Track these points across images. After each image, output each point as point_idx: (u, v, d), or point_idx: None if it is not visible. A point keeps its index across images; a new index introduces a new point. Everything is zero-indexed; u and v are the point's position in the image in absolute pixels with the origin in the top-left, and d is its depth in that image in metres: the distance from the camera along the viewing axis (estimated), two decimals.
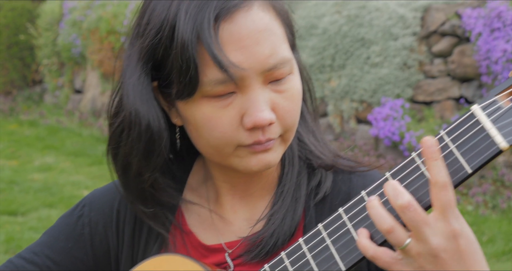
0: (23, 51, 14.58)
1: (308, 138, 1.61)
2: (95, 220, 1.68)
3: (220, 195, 1.62)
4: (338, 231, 1.31)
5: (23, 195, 8.15)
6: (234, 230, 1.60)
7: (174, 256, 1.53)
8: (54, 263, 1.68)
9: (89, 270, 1.68)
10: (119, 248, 1.67)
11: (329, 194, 1.56)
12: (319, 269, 1.31)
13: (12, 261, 1.73)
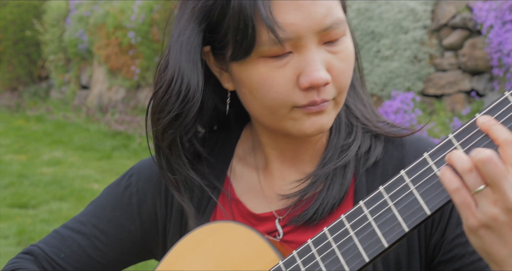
0: (29, 47, 14.58)
1: (356, 104, 1.61)
2: (143, 189, 1.67)
3: (269, 163, 1.61)
4: (400, 193, 1.29)
5: (33, 188, 8.14)
6: (283, 199, 1.59)
7: (226, 223, 1.52)
8: (101, 232, 1.68)
9: (136, 240, 1.68)
10: (167, 217, 1.66)
11: (380, 160, 1.55)
12: (381, 231, 1.29)
13: (58, 232, 1.72)
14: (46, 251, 1.69)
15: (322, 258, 1.35)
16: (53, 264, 1.68)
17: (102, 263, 1.68)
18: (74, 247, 1.68)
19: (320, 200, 1.53)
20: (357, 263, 1.31)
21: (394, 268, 1.53)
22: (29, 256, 1.70)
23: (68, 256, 1.68)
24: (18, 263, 1.69)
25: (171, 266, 1.55)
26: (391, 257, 1.53)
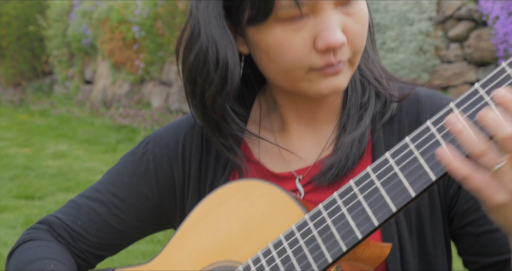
0: (33, 43, 14.59)
1: (368, 65, 1.63)
2: (159, 155, 1.68)
3: (286, 124, 1.62)
4: (426, 142, 1.30)
5: (38, 180, 8.15)
6: (302, 157, 1.61)
7: (250, 181, 1.52)
8: (118, 199, 1.68)
9: (154, 207, 1.68)
10: (185, 182, 1.66)
11: (396, 115, 1.58)
12: (407, 181, 1.30)
13: (74, 201, 1.72)
14: (63, 219, 1.69)
15: (349, 210, 1.35)
16: (70, 231, 1.68)
17: (120, 230, 1.68)
18: (91, 214, 1.68)
19: (339, 158, 1.54)
20: (384, 213, 1.31)
21: (416, 220, 1.54)
22: (44, 226, 1.70)
23: (86, 223, 1.68)
24: (32, 233, 1.69)
25: (194, 225, 1.55)
26: (413, 210, 1.54)
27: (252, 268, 1.43)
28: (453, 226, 1.56)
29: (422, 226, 1.55)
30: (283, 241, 1.41)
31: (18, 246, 1.67)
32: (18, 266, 1.61)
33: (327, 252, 1.35)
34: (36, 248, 1.64)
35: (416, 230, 1.54)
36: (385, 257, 1.45)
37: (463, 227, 1.55)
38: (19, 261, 1.62)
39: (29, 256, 1.62)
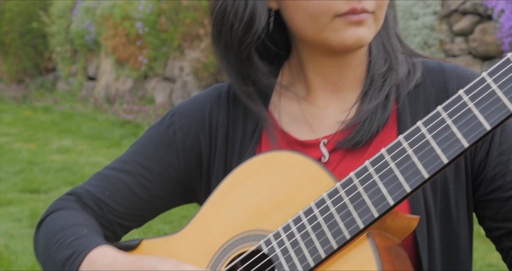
0: (36, 39, 14.60)
1: (390, 34, 1.66)
2: (186, 126, 1.69)
3: (311, 91, 1.64)
4: (458, 110, 1.31)
5: (43, 174, 8.16)
6: (327, 124, 1.62)
7: (279, 152, 1.53)
8: (145, 170, 1.68)
9: (180, 177, 1.69)
10: (211, 152, 1.67)
11: (421, 84, 1.61)
12: (440, 148, 1.31)
13: (100, 173, 1.72)
14: (91, 191, 1.70)
15: (380, 177, 1.36)
16: (98, 202, 1.69)
17: (147, 201, 1.69)
18: (119, 184, 1.69)
19: (364, 123, 1.57)
20: (417, 180, 1.32)
21: (440, 184, 1.55)
22: (72, 197, 1.71)
23: (113, 193, 1.68)
24: (61, 203, 1.70)
25: (223, 196, 1.56)
26: (438, 176, 1.55)
27: (282, 235, 1.44)
28: (479, 193, 1.57)
29: (446, 192, 1.56)
30: (313, 209, 1.41)
31: (48, 215, 1.67)
32: (49, 234, 1.62)
33: (358, 219, 1.36)
34: (66, 216, 1.64)
35: (440, 196, 1.56)
36: (412, 229, 1.46)
37: (490, 192, 1.56)
38: (50, 229, 1.62)
39: (61, 223, 1.62)
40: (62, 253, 1.57)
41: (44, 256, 1.63)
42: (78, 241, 1.57)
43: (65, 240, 1.58)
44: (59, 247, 1.58)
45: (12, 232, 6.17)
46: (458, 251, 1.59)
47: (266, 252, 1.45)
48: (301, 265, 1.39)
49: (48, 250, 1.60)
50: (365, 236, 1.36)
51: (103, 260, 1.51)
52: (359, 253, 1.36)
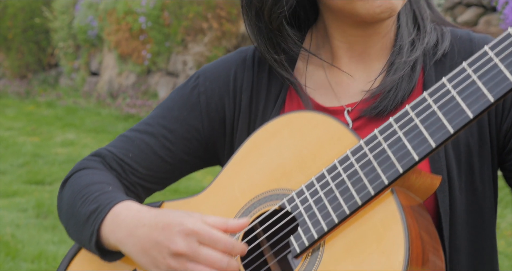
0: (39, 35, 14.60)
1: (421, 3, 1.65)
2: (210, 88, 1.69)
3: (337, 59, 1.64)
4: (484, 66, 1.31)
5: (48, 166, 8.16)
6: (352, 92, 1.62)
7: (301, 113, 1.54)
8: (169, 132, 1.69)
9: (203, 140, 1.69)
10: (235, 115, 1.67)
11: (449, 53, 1.60)
12: (465, 103, 1.31)
13: (125, 135, 1.73)
14: (114, 152, 1.71)
15: (405, 133, 1.36)
16: (121, 163, 1.69)
17: (170, 163, 1.70)
18: (142, 146, 1.69)
19: (390, 92, 1.56)
20: (442, 135, 1.33)
21: (464, 155, 1.55)
22: (97, 158, 1.71)
23: (136, 155, 1.69)
24: (86, 163, 1.70)
25: (245, 157, 1.56)
26: (462, 145, 1.55)
27: (305, 193, 1.44)
28: (510, 161, 1.56)
29: (471, 163, 1.56)
30: (337, 166, 1.42)
31: (73, 174, 1.68)
32: (74, 191, 1.62)
33: (383, 175, 1.37)
34: (92, 175, 1.65)
35: (465, 167, 1.56)
36: (434, 189, 1.46)
37: None
38: (76, 186, 1.63)
39: (86, 181, 1.63)
40: (87, 208, 1.57)
41: (68, 213, 1.63)
42: (103, 196, 1.57)
43: (90, 195, 1.59)
44: (84, 202, 1.58)
45: (18, 222, 6.18)
46: (483, 224, 1.59)
47: (289, 209, 1.46)
48: (325, 221, 1.40)
49: (72, 206, 1.61)
50: (389, 192, 1.37)
51: (127, 213, 1.51)
52: (383, 209, 1.36)
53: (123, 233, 1.49)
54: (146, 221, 1.47)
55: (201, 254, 1.40)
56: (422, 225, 1.38)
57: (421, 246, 1.35)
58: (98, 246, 1.56)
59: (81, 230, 1.58)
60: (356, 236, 1.37)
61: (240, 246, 1.43)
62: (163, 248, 1.42)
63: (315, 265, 1.40)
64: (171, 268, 1.42)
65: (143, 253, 1.45)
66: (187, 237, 1.40)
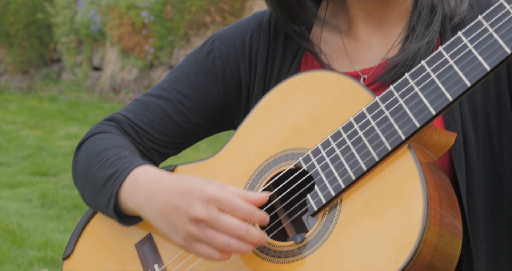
0: (41, 30, 14.60)
1: None
2: (226, 52, 1.68)
3: (353, 25, 1.63)
4: (502, 19, 1.31)
5: (52, 158, 8.16)
6: (368, 58, 1.61)
7: (314, 73, 1.54)
8: (184, 97, 1.68)
9: (219, 104, 1.69)
10: (251, 80, 1.67)
11: (466, 16, 1.58)
12: (482, 56, 1.31)
13: (139, 100, 1.73)
14: (129, 117, 1.70)
15: (421, 89, 1.36)
16: (136, 128, 1.69)
17: (185, 128, 1.69)
18: (157, 111, 1.69)
19: (405, 57, 1.55)
20: (458, 88, 1.33)
21: (482, 119, 1.55)
22: (112, 122, 1.71)
23: (151, 120, 1.69)
24: (101, 127, 1.70)
25: (259, 118, 1.56)
26: (479, 109, 1.54)
27: (322, 151, 1.44)
28: None
29: (489, 127, 1.55)
30: (353, 123, 1.42)
31: (88, 138, 1.67)
32: (90, 155, 1.62)
33: (399, 130, 1.37)
34: (108, 139, 1.64)
35: (482, 131, 1.55)
36: (450, 146, 1.46)
37: None
38: (92, 150, 1.62)
39: (102, 144, 1.62)
40: (104, 172, 1.56)
41: (84, 178, 1.63)
42: (121, 160, 1.57)
43: (107, 160, 1.58)
44: (101, 166, 1.58)
45: (23, 211, 6.18)
46: (501, 187, 1.58)
47: (305, 168, 1.45)
48: (342, 179, 1.40)
49: (88, 170, 1.60)
50: (406, 148, 1.37)
51: (146, 178, 1.51)
52: (401, 165, 1.36)
53: (142, 197, 1.49)
54: (165, 186, 1.46)
55: (221, 220, 1.39)
56: (439, 181, 1.38)
57: (439, 202, 1.35)
58: (116, 210, 1.56)
59: (98, 194, 1.58)
60: (374, 192, 1.37)
61: (260, 214, 1.42)
62: (183, 213, 1.41)
63: (333, 222, 1.40)
64: (190, 234, 1.41)
65: (162, 218, 1.45)
66: (207, 203, 1.40)
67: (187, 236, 1.41)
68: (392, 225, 1.33)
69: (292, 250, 1.43)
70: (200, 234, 1.40)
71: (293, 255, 1.43)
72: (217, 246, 1.39)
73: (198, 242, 1.41)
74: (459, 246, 1.40)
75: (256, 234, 1.40)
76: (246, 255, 1.47)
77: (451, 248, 1.37)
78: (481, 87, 1.55)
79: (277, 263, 1.44)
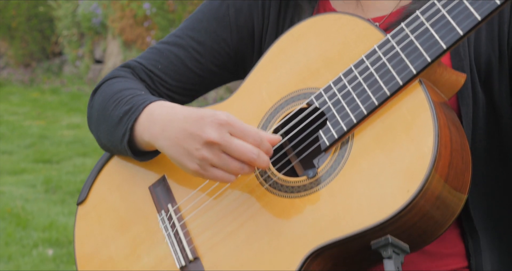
0: (43, 23, 14.61)
1: None
2: (240, 1, 1.72)
3: None
4: None
5: (55, 147, 8.19)
6: (380, 7, 1.64)
7: (325, 15, 1.56)
8: (198, 43, 1.71)
9: (232, 52, 1.72)
10: (263, 29, 1.70)
11: None
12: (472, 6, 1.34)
13: (154, 47, 1.76)
14: (143, 63, 1.73)
15: (432, 24, 1.39)
16: (151, 74, 1.72)
17: (199, 75, 1.72)
18: (172, 58, 1.72)
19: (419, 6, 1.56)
20: (469, 23, 1.36)
21: (484, 72, 1.57)
22: (126, 69, 1.74)
23: (166, 66, 1.72)
24: (117, 72, 1.73)
25: (271, 61, 1.59)
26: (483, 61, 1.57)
27: (333, 88, 1.47)
28: None
29: (491, 80, 1.58)
30: (364, 60, 1.45)
31: (104, 82, 1.70)
32: (106, 96, 1.65)
33: (410, 65, 1.39)
34: (124, 82, 1.67)
35: (484, 83, 1.58)
36: (459, 86, 1.49)
37: None
38: (107, 92, 1.65)
39: (118, 87, 1.66)
40: (120, 110, 1.60)
41: (99, 119, 1.65)
42: (136, 98, 1.60)
43: (123, 98, 1.61)
44: (117, 105, 1.61)
45: (27, 196, 6.22)
46: (501, 145, 1.61)
47: (317, 105, 1.48)
48: (353, 114, 1.43)
49: (104, 111, 1.63)
50: (417, 82, 1.40)
51: (161, 110, 1.54)
52: (412, 99, 1.39)
53: (158, 128, 1.52)
54: (180, 115, 1.49)
55: (233, 144, 1.42)
56: (449, 117, 1.41)
57: (449, 135, 1.37)
58: (130, 145, 1.59)
59: (114, 131, 1.61)
60: (385, 126, 1.40)
61: (268, 144, 1.46)
62: (196, 138, 1.44)
63: (345, 156, 1.42)
64: (204, 158, 1.44)
65: (176, 146, 1.48)
66: (220, 127, 1.43)
67: (202, 161, 1.44)
68: (403, 157, 1.35)
69: (304, 184, 1.46)
70: (214, 158, 1.43)
71: (305, 189, 1.46)
72: (231, 169, 1.43)
73: (212, 167, 1.44)
74: (468, 182, 1.42)
75: (265, 159, 1.44)
76: (258, 191, 1.50)
77: (461, 183, 1.40)
78: (486, 40, 1.57)
79: (290, 198, 1.47)
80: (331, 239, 1.38)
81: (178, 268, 1.54)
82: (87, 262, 1.68)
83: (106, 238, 1.67)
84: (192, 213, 1.56)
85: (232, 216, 1.52)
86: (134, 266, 1.60)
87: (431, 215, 1.37)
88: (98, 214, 1.70)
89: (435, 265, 1.60)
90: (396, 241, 1.36)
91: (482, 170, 1.58)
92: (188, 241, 1.54)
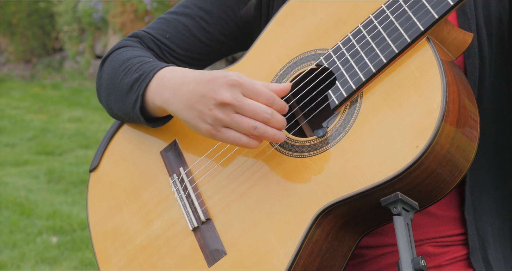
0: (43, 19, 14.62)
1: None
2: None
3: None
4: None
5: (57, 139, 8.21)
6: None
7: None
8: (205, 13, 1.73)
9: (239, 21, 1.74)
10: None
11: None
12: None
13: (162, 17, 1.78)
14: (151, 33, 1.75)
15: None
16: (158, 43, 1.74)
17: (206, 44, 1.74)
18: (179, 27, 1.74)
19: None
20: None
21: (496, 29, 1.59)
22: (134, 38, 1.76)
23: (174, 35, 1.74)
24: (124, 42, 1.75)
25: (280, 24, 1.61)
26: (494, 19, 1.59)
27: (342, 48, 1.49)
28: None
29: (502, 38, 1.60)
30: (372, 20, 1.47)
31: (113, 52, 1.72)
32: (115, 65, 1.66)
33: (418, 22, 1.41)
34: (132, 51, 1.69)
35: (496, 41, 1.60)
36: (466, 46, 1.50)
37: None
38: (116, 61, 1.67)
39: (127, 55, 1.67)
40: (130, 77, 1.61)
41: (109, 88, 1.67)
42: (146, 65, 1.61)
43: (132, 66, 1.63)
44: (126, 73, 1.62)
45: (30, 186, 6.24)
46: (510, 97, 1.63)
47: (326, 65, 1.50)
48: (362, 72, 1.45)
49: (114, 79, 1.65)
50: (425, 40, 1.42)
51: (172, 75, 1.55)
52: (420, 56, 1.41)
53: (169, 92, 1.53)
54: (191, 79, 1.51)
55: (245, 104, 1.43)
56: (457, 75, 1.43)
57: (457, 92, 1.39)
58: (142, 111, 1.60)
59: (125, 99, 1.62)
60: (393, 84, 1.42)
61: (280, 101, 1.47)
62: (209, 99, 1.46)
63: (354, 115, 1.44)
64: (217, 119, 1.45)
65: (189, 108, 1.49)
66: (232, 87, 1.44)
67: (214, 121, 1.45)
68: (412, 113, 1.37)
69: (314, 144, 1.48)
70: (226, 118, 1.44)
71: (315, 148, 1.47)
72: (244, 129, 1.44)
73: (225, 128, 1.45)
74: (477, 141, 1.44)
75: (280, 118, 1.45)
76: (268, 152, 1.52)
77: (469, 141, 1.41)
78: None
79: (300, 158, 1.49)
80: (342, 196, 1.40)
81: (191, 229, 1.56)
82: (100, 227, 1.70)
83: (118, 203, 1.69)
84: (204, 175, 1.58)
85: (243, 177, 1.54)
86: (147, 229, 1.63)
87: (439, 172, 1.38)
88: (110, 179, 1.72)
89: (441, 229, 1.62)
90: (405, 197, 1.38)
91: (488, 129, 1.60)
92: (200, 203, 1.56)
